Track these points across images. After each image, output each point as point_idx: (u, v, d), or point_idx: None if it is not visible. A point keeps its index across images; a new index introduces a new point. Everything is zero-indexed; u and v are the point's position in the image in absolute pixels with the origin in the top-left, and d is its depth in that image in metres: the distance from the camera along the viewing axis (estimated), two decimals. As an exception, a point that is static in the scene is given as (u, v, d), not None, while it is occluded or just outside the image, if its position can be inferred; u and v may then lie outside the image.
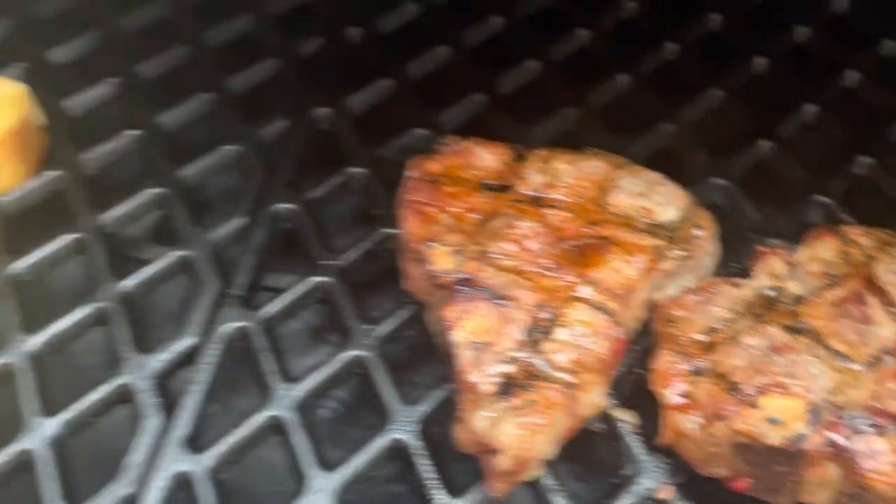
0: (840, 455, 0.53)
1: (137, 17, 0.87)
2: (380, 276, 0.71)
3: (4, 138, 0.71)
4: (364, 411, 0.64)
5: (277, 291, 0.70)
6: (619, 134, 0.79)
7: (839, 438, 0.53)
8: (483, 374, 0.56)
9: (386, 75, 0.83)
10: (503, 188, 0.67)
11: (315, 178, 0.76)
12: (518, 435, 0.54)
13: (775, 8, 0.93)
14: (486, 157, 0.69)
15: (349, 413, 0.65)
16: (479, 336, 0.58)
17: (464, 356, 0.57)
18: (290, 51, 0.85)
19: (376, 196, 0.75)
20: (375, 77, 0.83)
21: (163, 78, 0.83)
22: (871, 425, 0.54)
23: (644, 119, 0.81)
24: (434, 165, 0.68)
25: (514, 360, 0.57)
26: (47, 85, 0.78)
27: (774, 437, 0.54)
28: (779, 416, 0.54)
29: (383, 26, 0.88)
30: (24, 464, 0.59)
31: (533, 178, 0.67)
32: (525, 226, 0.63)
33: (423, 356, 0.67)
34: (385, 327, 0.66)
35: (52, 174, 0.74)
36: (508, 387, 0.56)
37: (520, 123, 0.81)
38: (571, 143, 0.74)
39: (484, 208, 0.66)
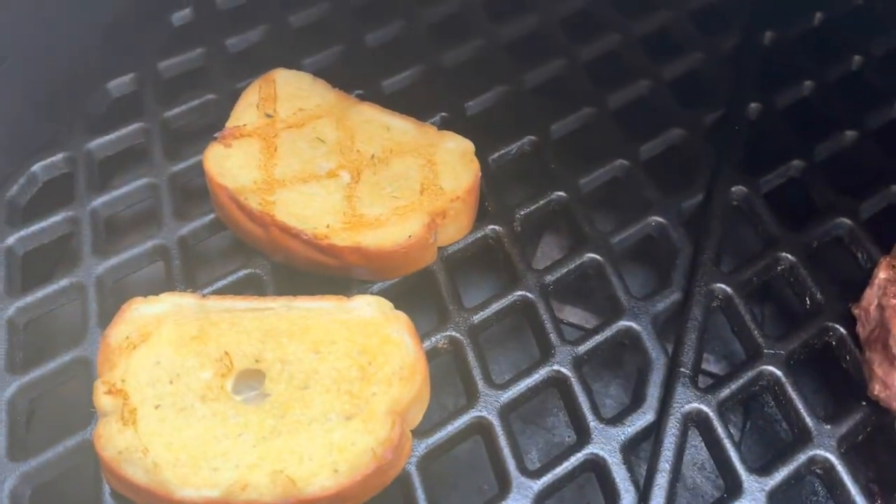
0: None
1: (539, 74, 0.90)
2: (824, 372, 0.70)
3: (460, 195, 0.74)
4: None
5: (716, 376, 0.71)
6: None
7: None
8: None
9: (795, 157, 0.83)
10: None
11: (737, 258, 0.77)
12: None
13: None
14: (963, 265, 0.68)
15: None
16: None
17: None
18: (697, 121, 0.86)
19: (804, 284, 0.74)
20: (787, 159, 0.82)
21: (568, 137, 0.85)
22: None
23: None
24: (907, 267, 0.68)
25: None
26: (469, 138, 0.81)
27: None
28: None
29: (779, 103, 0.88)
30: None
31: None
32: None
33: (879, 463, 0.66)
34: (842, 429, 0.66)
35: (489, 228, 0.77)
36: None
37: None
38: None
39: (971, 321, 0.64)
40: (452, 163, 0.76)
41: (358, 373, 0.62)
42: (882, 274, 0.67)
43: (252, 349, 0.64)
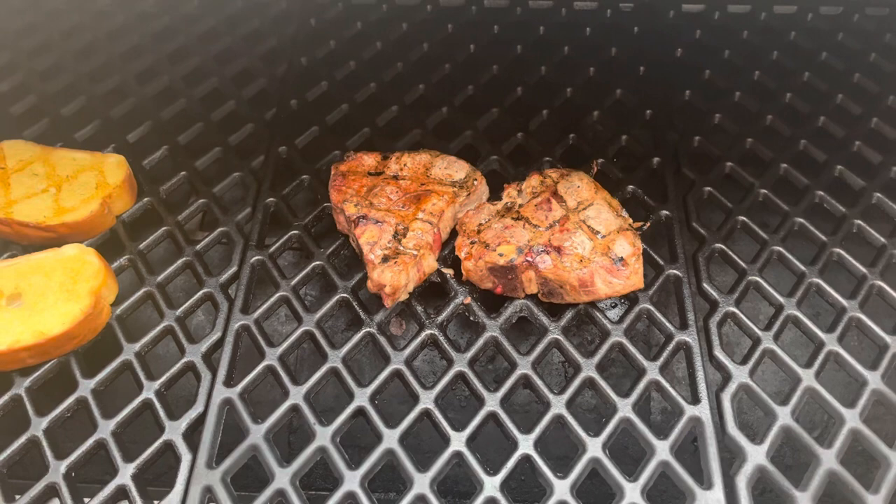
0: (531, 266, 1.22)
1: (171, 110, 1.53)
2: (325, 226, 1.38)
3: (119, 184, 1.36)
4: (325, 290, 1.30)
5: (272, 244, 1.36)
6: (442, 140, 1.49)
7: (530, 259, 1.22)
8: (375, 255, 1.24)
9: (314, 124, 1.51)
10: (378, 173, 1.35)
11: (285, 183, 1.43)
12: (392, 276, 1.21)
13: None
14: (369, 159, 1.37)
15: (320, 295, 1.32)
16: (371, 240, 1.25)
17: (366, 249, 1.24)
18: (260, 118, 1.52)
19: (318, 188, 1.42)
20: (308, 126, 1.51)
21: (192, 143, 1.49)
22: (544, 252, 1.23)
23: (456, 130, 1.51)
24: (343, 166, 1.36)
25: (388, 248, 1.25)
26: (130, 153, 1.43)
27: (501, 261, 1.22)
28: (503, 252, 1.23)
29: (310, 97, 1.56)
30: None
31: (393, 167, 1.36)
32: (389, 189, 1.31)
33: (352, 262, 1.34)
34: (331, 249, 1.33)
35: (145, 200, 1.39)
36: (386, 259, 1.24)
37: (388, 140, 1.49)
38: (416, 148, 1.43)
39: (368, 184, 1.33)
40: (113, 169, 1.38)
41: (70, 279, 1.22)
42: (333, 171, 1.35)
43: (11, 283, 1.22)
